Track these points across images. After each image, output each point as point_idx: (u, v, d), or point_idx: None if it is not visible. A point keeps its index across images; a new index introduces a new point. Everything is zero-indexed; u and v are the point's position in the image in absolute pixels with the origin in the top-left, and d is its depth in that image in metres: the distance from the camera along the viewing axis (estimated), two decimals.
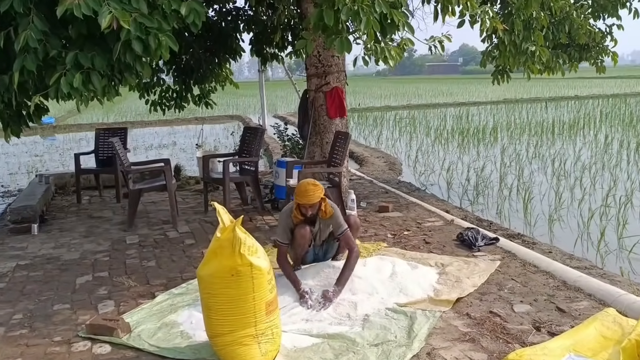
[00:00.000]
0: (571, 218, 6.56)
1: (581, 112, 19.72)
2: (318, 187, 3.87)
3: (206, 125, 19.36)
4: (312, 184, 3.87)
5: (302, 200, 3.86)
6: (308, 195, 3.83)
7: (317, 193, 3.86)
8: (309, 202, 3.85)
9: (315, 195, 3.85)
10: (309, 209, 3.90)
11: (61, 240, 5.62)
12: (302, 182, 3.94)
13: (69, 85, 3.60)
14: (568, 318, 3.46)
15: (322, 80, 6.24)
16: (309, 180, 3.95)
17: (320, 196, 3.88)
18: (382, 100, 31.58)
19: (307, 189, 3.84)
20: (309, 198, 3.84)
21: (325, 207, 3.96)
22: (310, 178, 4.22)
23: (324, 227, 4.13)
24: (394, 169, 10.04)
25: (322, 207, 3.95)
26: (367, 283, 3.93)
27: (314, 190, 3.84)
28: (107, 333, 3.42)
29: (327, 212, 3.97)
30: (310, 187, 3.84)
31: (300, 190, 3.86)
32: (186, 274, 4.51)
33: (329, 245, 4.30)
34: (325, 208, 3.96)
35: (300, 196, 3.85)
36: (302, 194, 3.85)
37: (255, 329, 2.94)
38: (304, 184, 3.89)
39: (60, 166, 12.14)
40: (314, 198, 3.85)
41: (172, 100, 8.46)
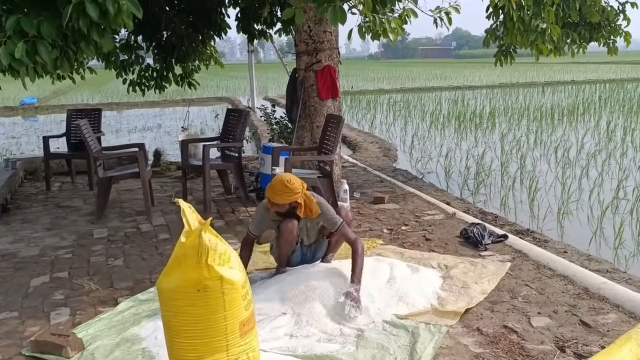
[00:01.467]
0: (581, 212, 6.08)
1: (579, 97, 19.23)
2: (290, 189, 3.28)
3: (194, 107, 18.69)
4: (285, 185, 3.28)
5: (268, 195, 3.34)
6: (276, 193, 3.30)
7: (286, 195, 3.29)
8: (273, 199, 3.32)
9: (284, 197, 3.29)
10: (273, 206, 3.37)
11: (21, 234, 5.06)
12: (278, 177, 3.38)
13: (9, 56, 3.02)
14: (595, 335, 2.97)
15: (312, 58, 5.67)
16: (285, 177, 3.36)
17: (291, 200, 3.32)
18: (375, 83, 30.96)
19: (276, 186, 3.30)
20: (274, 196, 3.31)
21: (311, 207, 3.42)
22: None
23: (310, 226, 3.60)
24: (389, 155, 9.51)
25: (309, 207, 3.42)
26: (362, 290, 3.40)
27: (284, 191, 3.28)
28: (54, 351, 2.88)
29: (314, 211, 3.44)
30: (281, 187, 3.28)
31: (270, 184, 3.34)
32: (156, 275, 3.96)
33: (317, 245, 3.77)
34: (310, 207, 3.42)
35: (268, 190, 3.34)
36: (270, 189, 3.33)
37: (227, 355, 2.41)
38: (277, 180, 3.33)
39: (36, 149, 11.49)
40: (280, 199, 3.30)
41: (152, 80, 7.87)
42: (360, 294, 3.25)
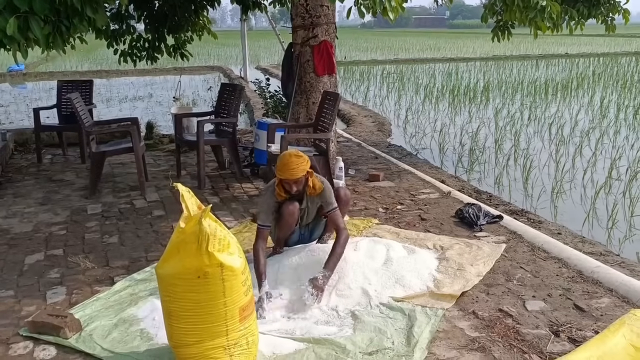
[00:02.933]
0: (575, 191, 6.11)
1: (573, 71, 19.18)
2: (303, 160, 3.29)
3: (185, 77, 18.45)
4: (296, 156, 3.28)
5: (284, 175, 3.28)
6: (290, 169, 3.26)
7: (302, 166, 3.28)
8: (292, 177, 3.28)
9: (300, 169, 3.28)
10: (293, 185, 3.33)
11: (14, 208, 5.01)
12: (284, 153, 3.35)
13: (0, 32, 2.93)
14: (589, 319, 3.01)
15: (309, 33, 5.57)
16: (292, 152, 3.34)
17: (305, 169, 3.31)
18: (369, 53, 30.66)
19: (289, 161, 3.26)
20: (291, 172, 3.27)
21: (313, 182, 3.41)
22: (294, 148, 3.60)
23: (311, 204, 3.58)
24: (383, 129, 9.47)
25: (310, 183, 3.41)
26: (358, 272, 3.41)
27: (298, 163, 3.26)
28: (52, 332, 2.88)
29: (316, 187, 3.42)
30: (293, 160, 3.26)
31: (282, 163, 3.28)
32: (152, 254, 3.96)
33: (315, 224, 3.77)
34: (313, 183, 3.41)
35: (282, 170, 3.28)
36: (284, 168, 3.27)
37: (226, 339, 2.42)
38: (286, 156, 3.30)
39: (26, 118, 11.33)
40: (298, 172, 3.28)
41: (143, 51, 7.70)
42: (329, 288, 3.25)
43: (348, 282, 3.34)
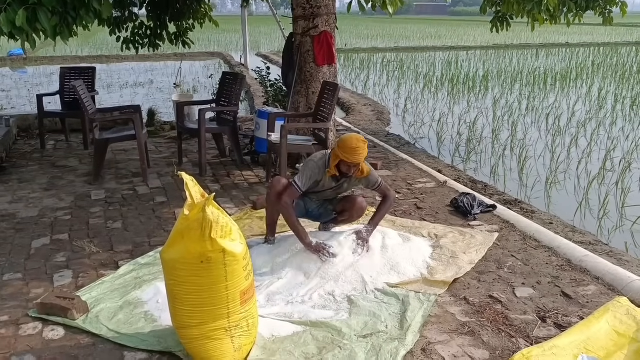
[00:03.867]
0: (569, 182, 6.23)
1: (573, 61, 19.22)
2: (366, 145, 3.46)
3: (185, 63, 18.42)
4: (363, 142, 3.42)
5: (351, 159, 3.39)
6: (358, 154, 3.40)
7: (365, 151, 3.45)
8: (357, 161, 3.43)
9: (364, 154, 3.45)
10: (353, 168, 3.48)
11: (19, 194, 5.12)
12: (352, 137, 3.43)
13: (10, 23, 3.02)
14: (575, 306, 3.14)
15: (309, 23, 5.64)
16: (359, 137, 3.45)
17: (365, 155, 3.48)
18: (369, 41, 30.59)
19: (358, 146, 3.38)
20: (358, 158, 3.41)
21: (363, 167, 3.57)
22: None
23: (348, 185, 3.71)
24: (382, 118, 9.55)
25: (361, 167, 3.56)
26: (355, 258, 3.53)
27: (364, 149, 3.43)
28: (60, 314, 3.00)
29: (365, 171, 3.59)
30: (361, 145, 3.40)
31: (350, 147, 3.38)
32: (155, 239, 4.08)
33: (324, 211, 3.86)
34: (363, 167, 3.57)
35: (350, 154, 3.38)
36: (352, 152, 3.38)
37: (228, 322, 2.55)
38: (353, 140, 3.40)
39: (27, 104, 11.40)
40: (363, 157, 3.45)
41: (145, 38, 7.77)
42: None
43: (345, 268, 3.46)
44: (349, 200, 3.78)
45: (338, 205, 3.81)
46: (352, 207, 3.74)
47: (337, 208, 3.81)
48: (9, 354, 2.71)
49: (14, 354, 2.71)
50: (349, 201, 3.77)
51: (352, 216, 3.80)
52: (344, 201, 3.80)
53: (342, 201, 3.81)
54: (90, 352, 2.72)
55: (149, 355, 2.69)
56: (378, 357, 2.63)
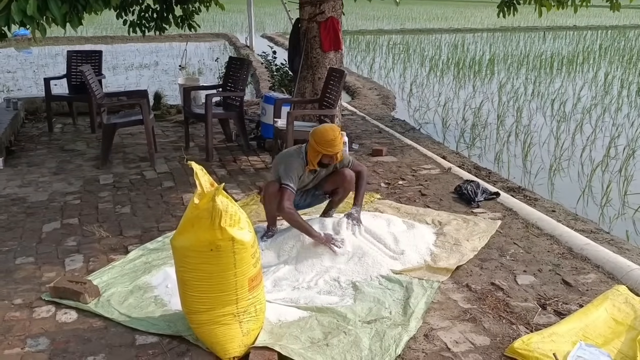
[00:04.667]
0: (572, 168, 6.26)
1: (580, 45, 19.08)
2: (339, 131, 3.48)
3: (190, 44, 18.39)
4: (337, 130, 3.45)
5: (332, 151, 3.42)
6: (338, 143, 3.43)
7: (341, 139, 3.48)
8: (339, 150, 3.46)
9: (342, 143, 3.48)
10: (334, 158, 3.51)
11: (29, 178, 5.20)
12: (327, 129, 3.45)
13: (21, 12, 3.06)
14: (575, 294, 3.20)
15: (316, 9, 5.65)
16: (332, 126, 3.48)
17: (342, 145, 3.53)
18: (375, 22, 30.37)
19: (336, 136, 3.41)
20: (337, 147, 3.44)
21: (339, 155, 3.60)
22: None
23: (325, 172, 3.75)
24: (388, 103, 9.56)
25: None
26: (360, 245, 3.60)
27: (341, 139, 3.46)
28: (73, 297, 3.09)
29: (339, 158, 3.61)
30: (337, 134, 3.43)
31: (328, 139, 3.40)
32: (163, 224, 4.16)
33: (314, 199, 3.92)
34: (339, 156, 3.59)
35: (330, 146, 3.41)
36: (332, 144, 3.40)
37: (236, 307, 2.62)
38: (330, 132, 3.41)
39: (33, 85, 11.45)
40: (341, 146, 3.48)
41: (152, 22, 7.77)
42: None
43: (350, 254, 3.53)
44: (337, 177, 3.77)
45: (326, 186, 3.82)
46: (342, 181, 3.75)
47: (327, 188, 3.82)
48: (23, 336, 2.80)
49: (28, 336, 2.80)
50: (338, 178, 3.77)
51: (346, 189, 3.82)
52: (330, 181, 3.80)
53: (329, 181, 3.81)
54: (103, 335, 2.81)
55: (159, 339, 2.78)
56: (382, 342, 2.71)
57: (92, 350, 2.69)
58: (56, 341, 2.76)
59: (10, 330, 2.84)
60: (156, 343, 2.75)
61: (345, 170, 3.78)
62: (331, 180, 3.80)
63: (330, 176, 3.79)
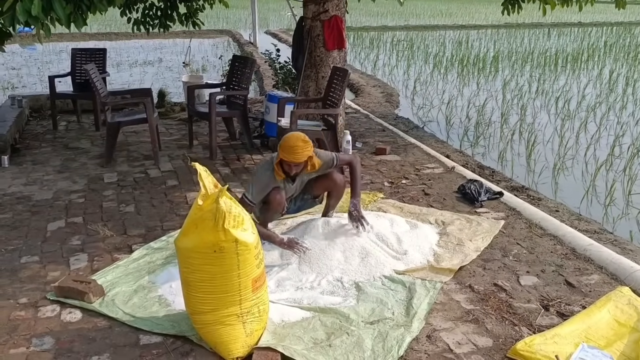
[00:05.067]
0: (576, 167, 6.24)
1: (585, 42, 19.01)
2: (308, 145, 3.36)
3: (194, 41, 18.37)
4: (303, 141, 3.34)
5: (288, 158, 3.35)
6: (296, 153, 3.33)
7: (306, 152, 3.35)
8: (296, 160, 3.36)
9: (304, 154, 3.35)
10: (294, 168, 3.41)
11: (33, 176, 5.22)
12: (291, 136, 3.39)
13: (26, 12, 3.07)
14: (578, 295, 3.21)
15: (320, 8, 5.64)
16: (300, 136, 3.38)
17: (309, 154, 3.39)
18: (379, 19, 30.31)
19: (296, 145, 3.33)
20: (296, 157, 3.34)
21: (312, 163, 3.48)
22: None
23: (306, 177, 3.68)
24: (391, 100, 9.55)
25: (309, 165, 3.47)
26: (363, 245, 3.61)
27: (304, 148, 3.34)
28: (77, 297, 3.11)
29: (316, 166, 3.51)
30: (300, 145, 3.33)
31: (288, 146, 3.34)
32: (167, 223, 4.17)
33: (303, 203, 3.87)
34: (312, 164, 3.48)
35: (288, 153, 3.34)
36: (290, 151, 3.34)
37: (240, 308, 2.64)
38: (292, 139, 3.35)
39: (38, 82, 11.48)
40: (302, 157, 3.36)
41: (156, 19, 7.78)
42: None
43: (353, 255, 3.54)
44: (326, 181, 3.71)
45: (316, 190, 3.75)
46: (333, 186, 3.71)
47: (316, 192, 3.75)
48: (29, 335, 2.82)
49: (33, 335, 2.83)
50: (327, 182, 3.71)
51: (339, 195, 3.79)
52: (320, 185, 3.74)
53: (318, 185, 3.74)
54: (107, 335, 2.83)
55: (163, 339, 2.79)
56: (384, 343, 2.72)
57: (96, 350, 2.71)
58: (61, 340, 2.78)
59: (15, 330, 2.87)
60: (160, 343, 2.76)
61: (334, 174, 3.71)
62: (320, 185, 3.73)
63: (320, 180, 3.71)
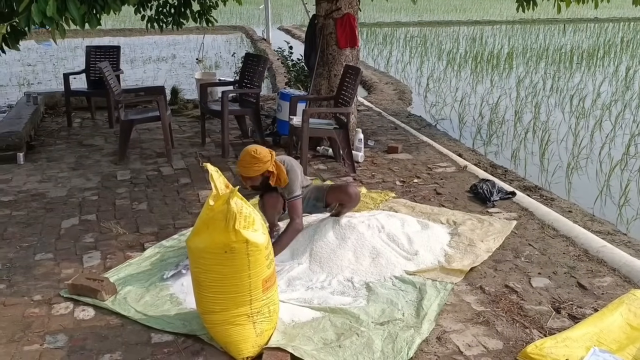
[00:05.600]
0: (590, 167, 6.18)
1: (601, 38, 18.77)
2: (257, 160, 3.27)
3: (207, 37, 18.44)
4: (252, 156, 3.26)
5: (240, 173, 3.36)
6: (242, 166, 3.31)
7: (255, 167, 3.27)
8: (248, 175, 3.32)
9: (252, 169, 3.28)
10: (246, 180, 3.37)
11: (48, 173, 5.28)
12: (245, 149, 3.34)
13: (41, 13, 3.10)
14: (590, 297, 3.18)
15: (332, 5, 5.63)
16: (251, 148, 3.30)
17: (260, 171, 3.30)
18: (392, 14, 30.14)
19: (243, 159, 3.29)
20: (242, 170, 3.32)
21: (278, 178, 3.40)
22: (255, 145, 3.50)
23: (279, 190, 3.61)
24: (404, 98, 9.52)
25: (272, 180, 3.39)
26: (374, 245, 3.61)
27: (251, 163, 3.27)
28: (90, 294, 3.15)
29: (282, 180, 3.42)
30: (247, 159, 3.27)
31: (239, 161, 3.33)
32: (179, 221, 4.20)
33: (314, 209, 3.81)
34: (278, 179, 3.40)
35: (239, 168, 3.34)
36: (238, 163, 3.35)
37: (250, 308, 2.65)
38: (244, 153, 3.30)
39: (53, 79, 11.59)
40: (249, 171, 3.30)
41: (169, 17, 7.82)
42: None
43: (364, 255, 3.54)
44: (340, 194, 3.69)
45: (329, 199, 3.71)
46: (348, 200, 3.68)
47: (329, 201, 3.71)
48: (42, 333, 2.86)
49: (47, 332, 2.87)
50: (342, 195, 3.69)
51: (353, 205, 3.76)
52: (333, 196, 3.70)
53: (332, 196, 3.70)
54: (119, 333, 2.86)
55: (175, 337, 2.82)
56: (394, 344, 2.72)
57: (109, 348, 2.74)
58: (74, 338, 2.82)
59: (29, 327, 2.91)
60: (171, 342, 2.79)
61: (350, 187, 3.72)
62: (334, 196, 3.70)
63: (334, 190, 3.71)
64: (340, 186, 3.75)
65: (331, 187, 3.75)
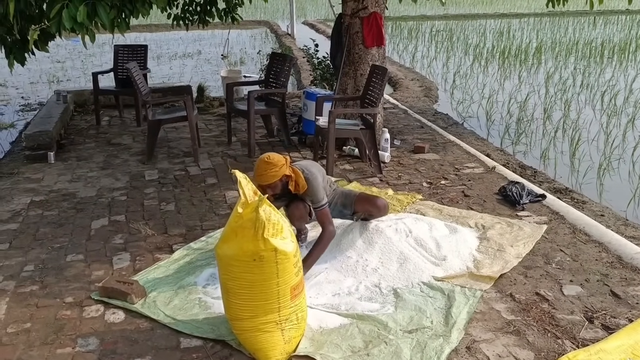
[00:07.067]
0: (623, 167, 6.04)
1: (633, 31, 18.30)
2: (272, 166, 3.24)
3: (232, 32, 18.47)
4: (266, 162, 3.24)
5: (254, 179, 3.23)
6: (258, 175, 3.26)
7: (271, 172, 3.24)
8: (258, 182, 3.28)
9: (269, 175, 3.25)
10: (266, 189, 3.31)
11: (78, 172, 5.36)
12: (259, 158, 3.32)
13: (71, 19, 3.14)
14: (624, 307, 3.11)
15: (359, 4, 5.58)
16: (265, 157, 3.28)
17: (277, 175, 3.26)
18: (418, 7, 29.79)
19: (258, 167, 3.26)
20: (258, 178, 3.27)
21: (296, 183, 3.37)
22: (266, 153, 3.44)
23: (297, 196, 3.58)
24: (430, 95, 9.42)
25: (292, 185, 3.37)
26: (401, 250, 3.58)
27: (266, 169, 3.23)
28: (120, 297, 3.19)
29: (301, 186, 3.38)
30: (262, 166, 3.24)
31: (254, 171, 3.30)
32: (206, 223, 4.23)
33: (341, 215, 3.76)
34: (296, 184, 3.37)
35: (254, 174, 3.29)
36: (254, 173, 3.29)
37: (278, 315, 2.65)
38: (258, 161, 3.29)
39: (81, 75, 11.76)
40: (266, 178, 3.26)
41: (195, 15, 7.87)
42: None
43: (391, 260, 3.51)
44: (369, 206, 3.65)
45: (357, 208, 3.67)
46: (376, 212, 3.65)
47: (357, 210, 3.67)
48: (74, 336, 2.90)
49: (79, 335, 2.91)
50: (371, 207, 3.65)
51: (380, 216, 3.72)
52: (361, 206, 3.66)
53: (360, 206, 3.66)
54: (149, 337, 2.89)
55: (203, 342, 2.84)
56: (423, 354, 2.70)
57: (139, 352, 2.77)
58: (105, 341, 2.85)
59: (62, 329, 2.96)
60: (200, 347, 2.81)
61: (378, 200, 3.67)
62: (362, 206, 3.66)
63: (363, 200, 3.67)
64: (369, 198, 3.70)
65: (359, 196, 3.70)
